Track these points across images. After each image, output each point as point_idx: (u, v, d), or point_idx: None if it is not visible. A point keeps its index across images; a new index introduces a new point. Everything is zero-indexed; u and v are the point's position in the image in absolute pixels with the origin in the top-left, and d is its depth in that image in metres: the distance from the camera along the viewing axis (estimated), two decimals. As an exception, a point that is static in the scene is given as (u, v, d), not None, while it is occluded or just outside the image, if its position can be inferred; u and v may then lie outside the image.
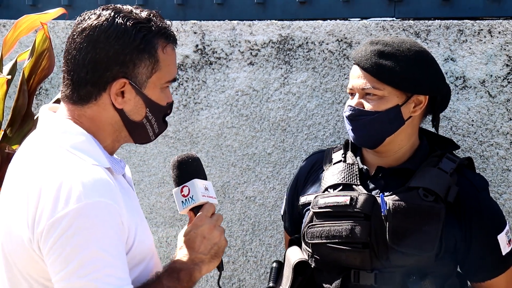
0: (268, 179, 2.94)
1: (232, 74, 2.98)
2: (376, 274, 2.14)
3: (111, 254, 1.59)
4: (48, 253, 1.59)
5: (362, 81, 2.20)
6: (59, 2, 3.34)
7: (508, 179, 2.64)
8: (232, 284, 3.03)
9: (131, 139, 1.80)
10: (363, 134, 2.22)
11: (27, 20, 2.63)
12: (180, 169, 1.83)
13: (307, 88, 2.87)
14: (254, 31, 2.94)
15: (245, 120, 2.96)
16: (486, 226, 2.19)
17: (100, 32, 1.69)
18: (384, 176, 2.24)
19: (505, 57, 2.62)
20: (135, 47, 1.70)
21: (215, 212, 1.83)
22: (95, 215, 1.58)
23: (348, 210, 2.16)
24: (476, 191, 2.21)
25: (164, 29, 1.74)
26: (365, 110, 2.20)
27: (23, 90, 2.55)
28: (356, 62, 2.23)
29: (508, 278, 2.22)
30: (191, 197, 1.80)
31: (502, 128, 2.64)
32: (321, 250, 2.21)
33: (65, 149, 1.67)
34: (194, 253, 1.76)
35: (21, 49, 3.06)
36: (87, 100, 1.72)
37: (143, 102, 1.74)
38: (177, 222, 3.08)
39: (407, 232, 2.11)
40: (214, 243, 1.77)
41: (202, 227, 1.78)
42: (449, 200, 2.15)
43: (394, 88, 2.19)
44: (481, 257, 2.19)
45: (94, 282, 1.57)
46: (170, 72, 1.76)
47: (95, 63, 1.69)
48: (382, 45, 2.21)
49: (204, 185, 1.82)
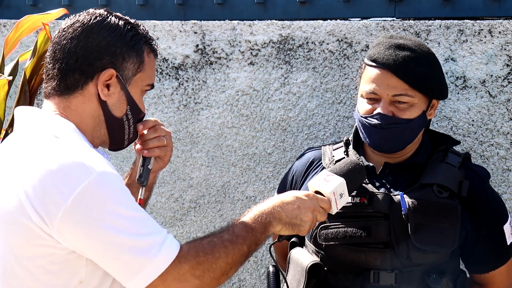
0: (268, 179, 2.94)
1: (232, 74, 2.98)
2: (396, 274, 2.12)
3: (136, 209, 1.66)
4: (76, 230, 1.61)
5: (393, 87, 2.14)
6: (60, 2, 3.34)
7: (508, 179, 2.64)
8: (232, 284, 3.03)
9: (107, 139, 1.83)
10: (391, 142, 2.17)
11: (29, 21, 2.63)
12: (351, 168, 2.04)
13: (308, 88, 2.87)
14: (255, 31, 2.94)
15: (246, 120, 2.96)
16: (493, 216, 2.21)
17: (94, 25, 1.76)
18: (391, 173, 2.22)
19: (505, 57, 2.62)
20: (126, 42, 1.77)
21: (326, 212, 1.93)
22: (108, 182, 1.63)
23: (366, 210, 2.13)
24: (483, 181, 2.23)
25: (150, 38, 1.84)
26: (398, 117, 2.14)
27: (24, 90, 2.56)
28: (388, 67, 2.15)
29: (509, 268, 2.24)
30: (326, 184, 1.95)
31: (502, 128, 2.64)
32: (338, 252, 2.17)
33: (53, 135, 1.71)
34: (281, 208, 1.84)
35: (22, 49, 3.06)
36: (73, 89, 1.76)
37: (125, 98, 1.79)
38: (177, 222, 3.08)
39: (428, 230, 2.10)
40: (301, 218, 1.86)
41: (306, 200, 1.88)
42: (463, 195, 2.15)
43: (423, 95, 2.17)
44: (488, 247, 2.20)
45: (130, 236, 1.62)
46: (151, 76, 1.84)
47: (86, 50, 1.74)
48: (410, 51, 2.15)
49: (342, 191, 1.97)
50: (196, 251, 1.68)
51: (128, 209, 1.64)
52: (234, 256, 1.72)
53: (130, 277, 1.63)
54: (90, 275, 1.67)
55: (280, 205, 1.84)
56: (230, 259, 1.71)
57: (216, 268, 1.69)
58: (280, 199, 1.86)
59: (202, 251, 1.69)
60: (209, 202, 3.04)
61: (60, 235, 1.62)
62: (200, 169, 3.03)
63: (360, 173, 2.06)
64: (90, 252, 1.64)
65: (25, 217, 1.62)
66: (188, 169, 3.05)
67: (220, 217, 3.03)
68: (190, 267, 1.66)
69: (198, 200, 3.05)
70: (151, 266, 1.63)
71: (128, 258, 1.62)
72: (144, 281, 1.63)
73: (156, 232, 1.66)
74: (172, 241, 1.67)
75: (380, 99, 2.16)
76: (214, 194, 3.03)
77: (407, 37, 2.26)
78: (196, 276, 1.66)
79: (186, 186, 3.06)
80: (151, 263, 1.63)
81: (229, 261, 1.71)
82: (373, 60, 2.18)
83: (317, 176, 1.99)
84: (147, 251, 1.63)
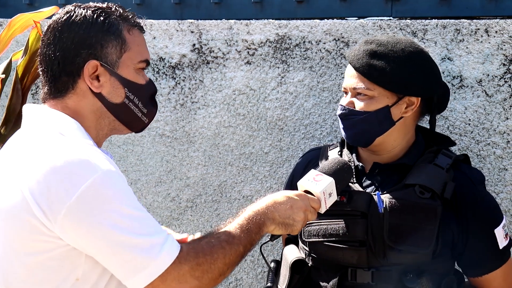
0: (265, 178, 2.94)
1: (229, 74, 2.97)
2: (373, 272, 2.14)
3: (139, 209, 1.68)
4: (79, 226, 1.62)
5: (354, 81, 2.20)
6: (56, 0, 3.34)
7: (504, 178, 2.64)
8: (229, 283, 3.03)
9: (121, 125, 1.84)
10: (353, 133, 2.22)
11: (21, 19, 2.63)
12: (339, 167, 2.07)
13: (304, 87, 2.87)
14: (251, 30, 2.94)
15: (242, 119, 2.96)
16: (482, 220, 2.19)
17: (63, 24, 1.77)
18: (380, 173, 2.24)
19: (502, 57, 2.62)
20: (98, 29, 1.76)
21: (316, 211, 1.96)
22: (112, 181, 1.65)
23: (345, 209, 2.16)
24: (472, 185, 2.21)
25: (125, 15, 1.81)
26: (355, 109, 2.20)
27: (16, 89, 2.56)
28: (349, 61, 2.24)
29: (505, 272, 2.22)
30: (316, 184, 1.98)
31: (499, 127, 2.64)
32: (318, 249, 2.21)
33: (58, 132, 1.71)
34: (274, 208, 1.86)
35: (17, 47, 3.06)
36: (65, 91, 1.77)
37: (119, 82, 1.79)
38: (174, 221, 3.08)
39: (404, 229, 2.11)
40: (294, 218, 1.89)
41: (298, 200, 1.91)
42: (446, 197, 2.15)
43: (384, 89, 2.19)
44: (478, 251, 2.19)
45: (132, 235, 1.63)
46: (140, 52, 1.82)
47: (63, 52, 1.75)
48: (376, 45, 2.21)
49: (331, 190, 2.00)
50: (195, 252, 1.70)
51: (131, 208, 1.65)
52: (231, 256, 1.74)
53: (130, 276, 1.65)
54: (87, 273, 1.68)
55: (273, 206, 1.86)
56: (228, 259, 1.73)
57: (215, 269, 1.71)
58: (273, 200, 1.88)
59: (202, 252, 1.70)
60: (206, 201, 3.04)
61: (62, 231, 1.63)
62: (197, 169, 3.03)
63: (347, 172, 2.09)
64: (91, 249, 1.65)
65: (28, 212, 1.63)
66: (184, 168, 3.05)
67: (217, 217, 3.03)
68: (190, 268, 1.68)
69: (195, 200, 3.05)
70: (152, 266, 1.64)
71: (129, 256, 1.63)
72: (144, 281, 1.65)
73: (157, 232, 1.68)
74: (173, 242, 1.69)
75: (348, 93, 2.24)
76: (211, 194, 3.02)
77: (391, 36, 2.28)
78: (195, 277, 1.68)
79: (183, 186, 3.06)
80: (152, 263, 1.64)
81: (227, 261, 1.73)
82: (346, 57, 2.28)
83: (306, 175, 2.01)
84: (148, 251, 1.64)
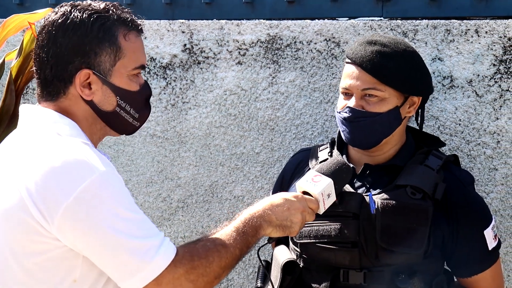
0: (256, 179, 2.95)
1: (220, 74, 2.97)
2: (365, 273, 2.14)
3: (135, 211, 1.67)
4: (75, 227, 1.62)
5: (362, 82, 2.17)
6: (47, 1, 3.33)
7: (495, 178, 2.65)
8: (220, 284, 3.03)
9: (112, 131, 1.82)
10: (362, 136, 2.19)
11: (16, 20, 2.62)
12: (338, 168, 2.11)
13: (295, 88, 2.87)
14: (242, 30, 2.94)
15: (233, 119, 2.96)
16: (472, 221, 2.20)
17: (58, 27, 1.73)
18: (371, 174, 2.24)
19: (492, 57, 2.63)
20: (93, 37, 1.72)
21: (314, 212, 1.96)
22: (110, 182, 1.64)
23: (337, 210, 2.16)
24: (463, 186, 2.21)
25: (123, 17, 1.76)
26: (366, 111, 2.17)
27: (10, 90, 2.55)
28: (356, 62, 2.19)
29: (494, 273, 2.24)
30: (315, 185, 1.97)
31: (489, 127, 2.65)
32: (310, 250, 2.21)
33: (55, 132, 1.70)
34: (271, 210, 1.85)
35: (8, 48, 3.05)
36: (57, 96, 1.75)
37: (111, 91, 1.76)
38: (165, 221, 3.08)
39: (396, 230, 2.12)
40: (291, 219, 1.88)
41: (295, 201, 1.90)
42: (437, 198, 2.15)
43: (395, 90, 2.18)
44: (467, 251, 2.20)
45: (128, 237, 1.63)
46: (136, 59, 1.78)
47: (56, 57, 1.72)
48: (381, 46, 2.19)
49: (330, 191, 2.00)
50: (191, 255, 1.69)
51: (128, 210, 1.65)
52: (227, 260, 1.73)
53: (126, 278, 1.64)
54: (84, 275, 1.68)
55: (270, 208, 1.85)
56: (223, 263, 1.72)
57: (210, 272, 1.70)
58: (270, 202, 1.87)
59: (197, 255, 1.70)
60: (197, 201, 3.04)
61: (59, 232, 1.62)
62: (188, 169, 3.03)
63: (346, 173, 2.09)
64: (88, 250, 1.64)
65: (25, 213, 1.62)
66: (175, 168, 3.05)
67: (208, 217, 3.03)
68: (185, 271, 1.67)
69: (186, 200, 3.05)
70: (148, 269, 1.64)
71: (125, 258, 1.63)
72: (139, 283, 1.64)
73: (154, 235, 1.67)
74: (169, 245, 1.68)
75: (353, 94, 2.20)
76: (202, 194, 3.02)
77: (387, 36, 2.28)
78: (190, 280, 1.67)
79: (174, 186, 3.06)
80: (148, 266, 1.64)
81: (222, 264, 1.72)
82: (347, 56, 2.24)
83: (304, 176, 2.01)
84: (144, 254, 1.64)
